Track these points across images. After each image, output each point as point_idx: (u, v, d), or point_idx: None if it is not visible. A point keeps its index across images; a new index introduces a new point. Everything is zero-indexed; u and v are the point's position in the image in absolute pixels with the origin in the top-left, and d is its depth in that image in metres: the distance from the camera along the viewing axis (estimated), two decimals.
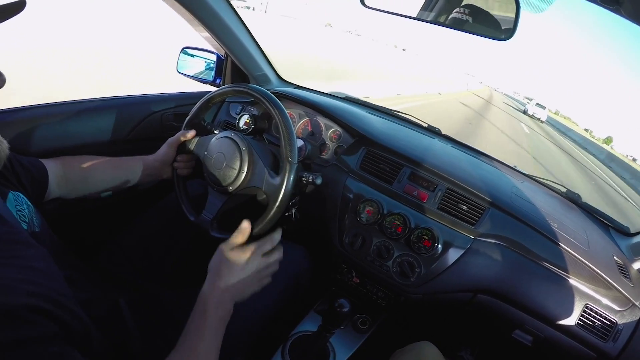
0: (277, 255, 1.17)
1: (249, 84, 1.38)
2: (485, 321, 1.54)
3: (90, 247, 1.35)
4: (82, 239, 1.42)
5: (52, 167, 1.14)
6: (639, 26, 0.78)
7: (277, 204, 1.24)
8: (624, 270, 1.42)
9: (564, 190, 1.90)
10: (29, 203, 0.93)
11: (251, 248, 1.11)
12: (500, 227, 1.43)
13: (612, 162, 29.57)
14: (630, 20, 0.78)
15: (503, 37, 0.98)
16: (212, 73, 1.93)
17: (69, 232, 1.26)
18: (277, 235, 1.18)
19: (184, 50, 1.97)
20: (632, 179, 22.00)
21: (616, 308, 1.33)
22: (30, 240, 0.77)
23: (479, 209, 1.45)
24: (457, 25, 1.04)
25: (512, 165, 1.97)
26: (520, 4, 0.94)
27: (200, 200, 1.38)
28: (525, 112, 45.86)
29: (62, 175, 1.17)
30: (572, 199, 1.86)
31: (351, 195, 1.52)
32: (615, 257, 1.47)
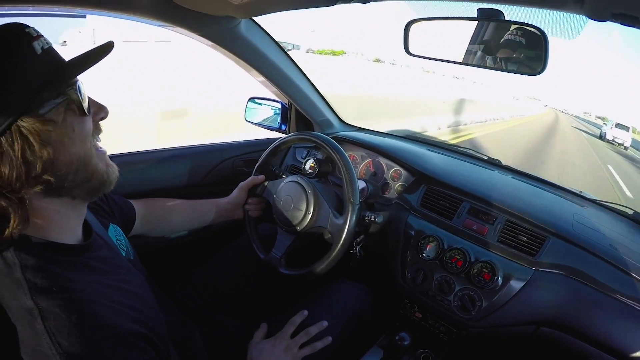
0: (305, 337, 1.28)
1: (312, 132, 1.48)
2: (550, 355, 1.50)
3: (167, 282, 1.46)
4: (160, 275, 1.55)
5: (137, 207, 1.28)
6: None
7: (341, 242, 1.33)
8: None
9: (631, 212, 1.80)
10: (124, 235, 1.06)
11: (276, 336, 1.26)
12: (561, 257, 1.40)
13: None
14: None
15: (537, 71, 1.01)
16: (278, 120, 2.06)
17: (148, 268, 1.39)
18: (298, 318, 1.30)
19: (250, 100, 2.12)
20: None
21: None
22: (130, 266, 0.89)
23: (539, 239, 1.44)
24: (496, 66, 1.08)
25: (578, 191, 1.92)
26: (548, 39, 0.98)
27: (269, 240, 1.50)
28: (602, 138, 30.04)
29: (144, 214, 1.30)
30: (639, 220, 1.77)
31: (413, 232, 1.56)
32: None
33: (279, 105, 2.05)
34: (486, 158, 2.10)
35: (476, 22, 1.08)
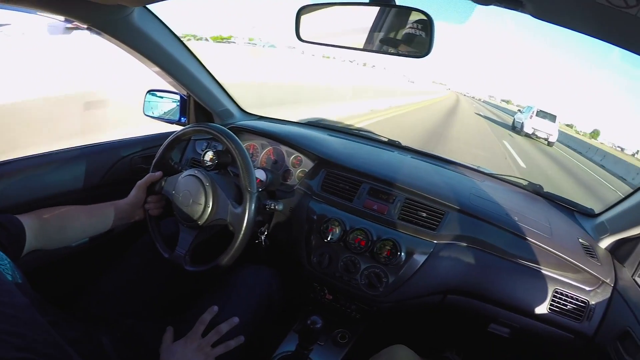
0: (216, 335, 1.25)
1: (207, 123, 1.45)
2: (460, 320, 1.60)
3: (71, 292, 1.39)
4: (64, 286, 1.46)
5: (28, 222, 1.17)
6: (549, 23, 0.84)
7: (242, 232, 1.32)
8: (590, 251, 1.47)
9: (525, 183, 1.97)
10: (9, 259, 0.98)
11: (187, 336, 1.23)
12: (460, 228, 1.49)
13: (579, 146, 26.95)
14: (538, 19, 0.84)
15: (423, 54, 1.06)
16: (178, 113, 2.00)
17: (50, 280, 1.30)
18: (207, 316, 1.27)
19: (149, 93, 2.03)
20: (601, 160, 21.70)
21: (586, 288, 1.38)
22: (15, 290, 0.83)
23: (438, 214, 1.52)
24: (384, 50, 1.12)
25: (475, 167, 2.04)
26: (434, 23, 1.02)
27: (174, 238, 1.45)
28: (517, 130, 22.28)
29: (38, 228, 1.20)
30: (534, 190, 1.93)
31: (315, 217, 1.58)
32: (580, 240, 1.53)
33: (178, 97, 1.99)
34: (386, 140, 2.17)
35: (367, 7, 1.10)
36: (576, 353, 1.43)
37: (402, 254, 1.44)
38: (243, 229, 1.32)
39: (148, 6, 1.46)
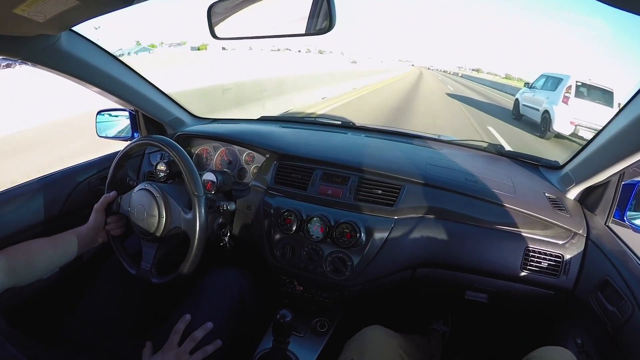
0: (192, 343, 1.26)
1: (150, 135, 1.43)
2: (436, 291, 1.59)
3: (52, 323, 1.38)
4: (42, 319, 1.46)
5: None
6: None
7: (197, 236, 1.32)
8: (558, 204, 1.46)
9: (484, 145, 1.96)
10: None
11: (164, 347, 1.24)
12: (419, 200, 1.48)
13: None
14: None
15: (327, 29, 1.05)
16: (130, 129, 1.99)
17: (29, 315, 1.30)
18: (181, 325, 1.28)
19: (99, 114, 2.02)
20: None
21: (559, 242, 1.37)
22: None
23: (394, 189, 1.51)
24: (293, 33, 1.11)
25: (435, 135, 2.02)
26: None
27: (141, 253, 1.45)
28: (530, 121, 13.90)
29: (7, 266, 1.19)
30: (496, 151, 1.93)
31: (272, 211, 1.57)
32: (546, 194, 1.52)
33: (127, 114, 1.98)
34: (339, 123, 2.16)
35: None
36: (559, 308, 1.43)
37: (362, 234, 1.43)
38: (197, 233, 1.31)
39: (74, 28, 1.44)
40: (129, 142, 1.51)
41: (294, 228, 1.50)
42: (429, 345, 1.75)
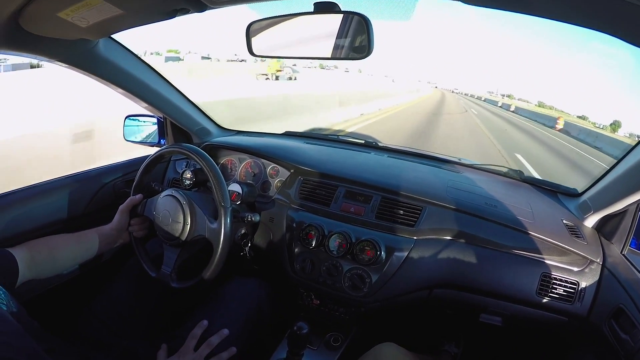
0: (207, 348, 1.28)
1: (180, 143, 1.47)
2: (450, 313, 1.60)
3: (67, 319, 1.41)
4: (59, 314, 1.48)
5: (20, 253, 1.20)
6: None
7: (220, 246, 1.35)
8: (575, 231, 1.47)
9: (505, 170, 1.97)
10: (4, 289, 1.01)
11: (179, 351, 1.26)
12: (439, 222, 1.50)
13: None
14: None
15: (365, 55, 1.08)
16: (157, 135, 2.03)
17: (45, 310, 1.33)
18: (198, 330, 1.31)
19: (127, 118, 2.07)
20: (584, 137, 20.69)
21: (575, 269, 1.38)
22: (7, 316, 0.85)
23: (415, 209, 1.53)
24: (331, 56, 1.14)
25: (457, 159, 2.04)
26: (371, 24, 1.04)
27: (161, 258, 1.49)
28: None
29: (29, 259, 1.22)
30: (514, 176, 1.93)
31: (294, 225, 1.60)
32: (564, 221, 1.53)
33: (156, 120, 2.02)
34: (362, 142, 2.18)
35: (311, 15, 1.12)
36: (572, 335, 1.44)
37: (382, 253, 1.45)
38: (221, 242, 1.34)
39: (113, 35, 1.50)
40: (160, 148, 1.54)
41: (315, 243, 1.53)
42: None
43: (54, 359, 0.83)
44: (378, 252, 1.45)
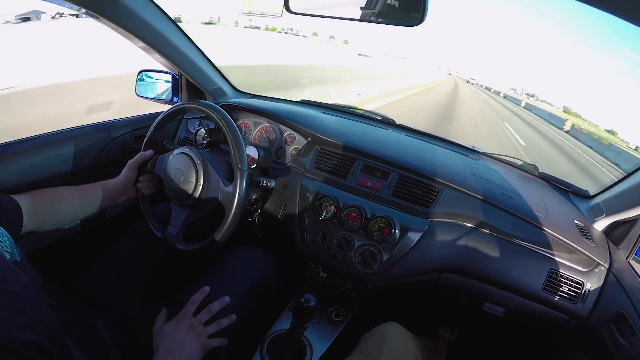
0: (207, 314, 1.25)
1: (197, 100, 1.43)
2: (454, 298, 1.60)
3: (66, 275, 1.39)
4: (58, 269, 1.45)
5: (23, 202, 1.17)
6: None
7: (233, 210, 1.31)
8: (585, 232, 1.47)
9: (520, 163, 1.96)
10: (9, 235, 0.97)
11: (178, 316, 1.23)
12: (455, 206, 1.48)
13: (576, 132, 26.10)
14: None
15: (417, 22, 1.03)
16: (170, 93, 1.98)
17: (45, 263, 1.29)
18: (198, 296, 1.27)
19: (140, 73, 2.02)
20: (594, 144, 21.20)
21: (581, 269, 1.37)
22: (14, 267, 0.81)
23: (433, 191, 1.51)
24: (375, 19, 1.09)
25: (470, 146, 2.02)
26: None
27: (167, 220, 1.45)
28: None
29: (32, 209, 1.19)
30: (529, 170, 1.92)
31: (308, 194, 1.57)
32: (576, 221, 1.52)
33: (170, 77, 1.96)
34: (380, 118, 2.15)
35: None
36: (570, 334, 1.43)
37: (397, 231, 1.43)
38: (234, 206, 1.32)
39: None
40: (176, 103, 1.50)
41: (329, 214, 1.50)
42: (435, 349, 1.76)
43: (56, 316, 0.79)
44: (393, 230, 1.43)
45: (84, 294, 1.34)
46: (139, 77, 2.02)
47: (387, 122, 2.11)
